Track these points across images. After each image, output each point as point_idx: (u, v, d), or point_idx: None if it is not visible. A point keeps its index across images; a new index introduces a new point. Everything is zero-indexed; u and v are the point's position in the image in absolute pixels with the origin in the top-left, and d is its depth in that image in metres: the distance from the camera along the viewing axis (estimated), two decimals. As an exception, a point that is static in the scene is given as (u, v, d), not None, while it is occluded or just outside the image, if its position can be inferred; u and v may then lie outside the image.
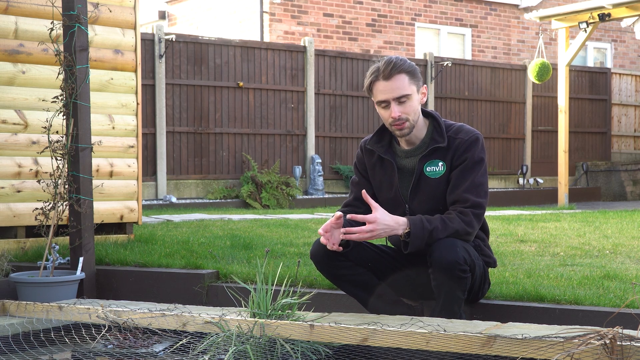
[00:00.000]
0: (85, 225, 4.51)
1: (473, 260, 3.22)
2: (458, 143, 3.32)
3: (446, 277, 3.14)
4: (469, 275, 3.19)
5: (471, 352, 2.75)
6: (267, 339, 3.06)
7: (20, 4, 5.02)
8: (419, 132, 3.40)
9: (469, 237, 3.27)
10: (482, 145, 3.35)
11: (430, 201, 3.35)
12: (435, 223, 3.18)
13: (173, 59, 10.96)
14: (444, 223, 3.19)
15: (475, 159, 3.31)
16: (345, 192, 12.26)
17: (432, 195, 3.35)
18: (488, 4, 17.19)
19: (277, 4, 14.73)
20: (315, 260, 3.40)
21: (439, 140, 3.34)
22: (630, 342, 2.46)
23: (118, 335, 3.45)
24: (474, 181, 3.28)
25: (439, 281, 3.18)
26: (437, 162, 3.34)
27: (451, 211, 3.27)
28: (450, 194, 3.31)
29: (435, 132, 3.38)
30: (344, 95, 12.52)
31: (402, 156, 3.44)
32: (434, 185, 3.35)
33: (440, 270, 3.14)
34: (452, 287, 3.18)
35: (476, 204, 3.25)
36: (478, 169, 3.30)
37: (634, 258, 4.89)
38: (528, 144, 14.48)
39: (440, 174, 3.34)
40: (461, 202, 3.26)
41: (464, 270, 3.15)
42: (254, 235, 6.03)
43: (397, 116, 3.29)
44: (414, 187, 3.37)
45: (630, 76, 15.81)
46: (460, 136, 3.34)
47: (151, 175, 10.72)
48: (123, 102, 5.57)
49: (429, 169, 3.35)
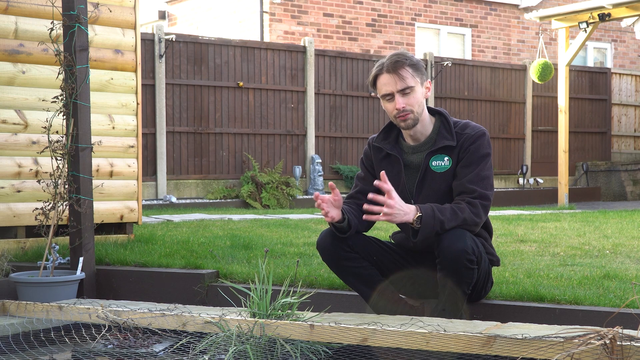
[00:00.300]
0: (85, 225, 4.51)
1: (480, 252, 3.23)
2: (465, 138, 3.36)
3: (453, 266, 3.15)
4: (475, 267, 3.20)
5: (471, 352, 2.75)
6: (267, 339, 3.06)
7: (20, 4, 5.02)
8: (425, 129, 3.43)
9: (476, 228, 3.30)
10: (488, 140, 3.39)
11: (436, 196, 3.37)
12: (446, 213, 3.21)
13: (173, 59, 10.96)
14: (454, 212, 3.22)
15: (481, 153, 3.34)
16: (345, 192, 12.26)
17: (437, 189, 3.38)
18: (488, 4, 17.19)
19: (277, 4, 14.73)
20: (322, 250, 3.43)
21: (447, 137, 3.38)
22: (630, 342, 2.46)
23: (118, 335, 3.45)
24: (480, 174, 3.31)
25: (446, 271, 3.18)
26: (442, 156, 3.38)
27: (460, 201, 3.29)
28: (456, 185, 3.34)
29: (443, 129, 3.42)
30: (344, 95, 12.52)
31: (409, 152, 3.47)
32: (440, 179, 3.38)
33: (447, 259, 3.16)
34: (458, 278, 3.18)
35: (483, 195, 3.28)
36: (484, 162, 3.34)
37: (634, 258, 4.89)
38: (528, 144, 14.48)
39: (445, 168, 3.37)
40: (468, 192, 3.29)
41: (472, 260, 3.16)
42: (254, 235, 6.03)
43: (401, 107, 3.32)
44: (419, 181, 3.40)
45: (630, 76, 15.81)
46: (467, 132, 3.38)
47: (151, 175, 10.72)
48: (123, 102, 5.57)
49: (435, 163, 3.38)
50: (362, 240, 3.46)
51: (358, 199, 3.53)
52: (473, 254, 3.17)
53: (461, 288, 3.23)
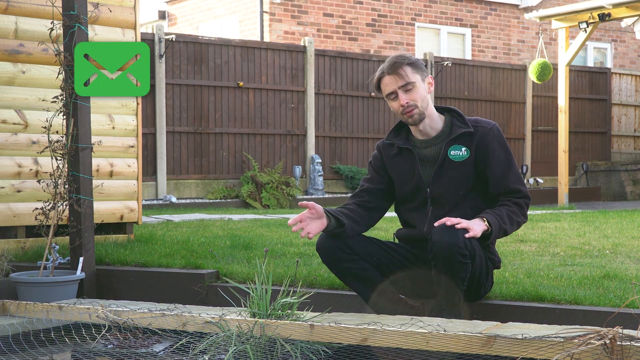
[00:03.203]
0: (85, 225, 4.51)
1: (474, 247, 3.25)
2: (481, 131, 3.48)
3: (446, 261, 3.17)
4: (469, 261, 3.21)
5: (471, 352, 2.75)
6: (267, 339, 3.06)
7: (20, 4, 5.02)
8: (435, 123, 3.54)
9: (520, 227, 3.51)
10: (502, 133, 3.55)
11: (452, 185, 3.46)
12: (506, 220, 3.36)
13: (173, 59, 10.96)
14: (511, 218, 3.39)
15: (505, 147, 3.50)
16: (345, 192, 12.27)
17: (454, 178, 3.47)
18: (488, 4, 17.19)
19: (277, 4, 14.73)
20: (321, 252, 3.47)
21: (463, 126, 3.49)
22: (630, 342, 2.46)
23: (118, 335, 3.45)
24: (516, 172, 3.51)
25: (439, 267, 3.21)
26: (460, 147, 3.48)
27: (510, 203, 3.43)
28: (497, 183, 3.46)
29: (456, 121, 3.53)
30: (344, 95, 12.52)
31: (422, 146, 3.55)
32: (457, 169, 3.46)
33: (439, 254, 3.18)
34: (452, 273, 3.20)
35: (527, 195, 3.48)
36: (513, 157, 3.52)
37: (634, 258, 4.89)
38: (528, 143, 14.48)
39: (463, 158, 3.47)
40: (514, 193, 3.46)
41: (464, 254, 3.18)
42: (254, 235, 6.03)
43: (405, 103, 3.45)
44: (437, 171, 3.48)
45: (630, 76, 15.81)
46: (482, 124, 3.51)
47: (151, 175, 10.72)
48: (123, 102, 5.57)
49: (453, 152, 3.48)
50: (362, 241, 3.49)
51: (361, 197, 3.60)
52: (465, 248, 3.19)
53: (456, 283, 3.24)
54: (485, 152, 3.45)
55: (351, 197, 3.65)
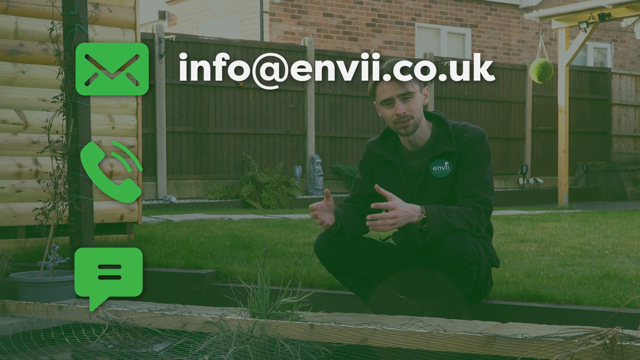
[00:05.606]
0: (85, 225, 4.50)
1: (480, 254, 3.24)
2: (464, 142, 3.36)
3: (454, 268, 3.16)
4: (475, 268, 3.20)
5: (471, 352, 2.75)
6: (267, 339, 3.06)
7: (20, 4, 5.02)
8: (424, 134, 3.42)
9: (479, 234, 3.31)
10: (487, 142, 3.39)
11: (437, 201, 3.36)
12: (453, 215, 3.21)
13: (173, 59, 10.96)
14: (461, 216, 3.23)
15: (482, 156, 3.35)
16: (345, 192, 12.26)
17: (438, 194, 3.38)
18: (488, 4, 17.19)
19: (277, 4, 14.72)
20: (320, 252, 3.44)
21: (447, 142, 3.37)
22: (630, 342, 2.46)
23: (118, 335, 3.45)
24: (483, 178, 3.33)
25: (446, 273, 3.19)
26: (443, 161, 3.37)
27: (465, 204, 3.29)
28: (459, 188, 3.34)
29: (442, 133, 3.41)
30: (344, 95, 12.52)
31: (408, 158, 3.45)
32: (441, 185, 3.38)
33: (448, 261, 3.16)
34: (458, 280, 3.19)
35: (486, 200, 3.30)
36: (485, 166, 3.35)
37: (634, 258, 4.88)
38: (528, 144, 14.48)
39: (446, 173, 3.37)
40: (472, 197, 3.30)
41: (472, 262, 3.17)
42: (254, 235, 6.03)
43: (402, 113, 3.32)
44: (420, 187, 3.39)
45: (630, 76, 15.81)
46: (467, 135, 3.38)
47: (151, 175, 10.72)
48: (123, 102, 5.57)
49: (435, 168, 3.38)
50: (360, 242, 3.46)
51: (356, 203, 3.51)
52: (473, 256, 3.17)
53: (461, 289, 3.23)
54: (463, 161, 3.36)
55: (345, 201, 3.55)
